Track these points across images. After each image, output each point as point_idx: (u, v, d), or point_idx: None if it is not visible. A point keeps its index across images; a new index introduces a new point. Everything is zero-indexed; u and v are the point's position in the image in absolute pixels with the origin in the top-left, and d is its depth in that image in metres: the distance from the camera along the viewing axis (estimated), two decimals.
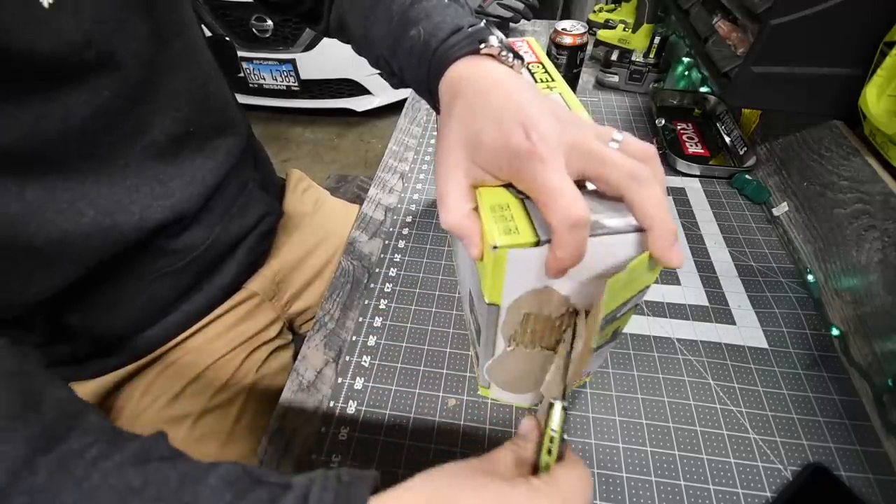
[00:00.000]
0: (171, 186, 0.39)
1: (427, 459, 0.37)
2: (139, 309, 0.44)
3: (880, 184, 0.42)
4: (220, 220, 0.45)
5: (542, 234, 0.24)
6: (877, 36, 0.41)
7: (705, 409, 0.39)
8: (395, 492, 0.24)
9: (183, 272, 0.44)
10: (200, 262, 0.45)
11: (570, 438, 0.38)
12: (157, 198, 0.38)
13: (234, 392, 0.50)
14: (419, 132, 0.72)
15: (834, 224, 0.48)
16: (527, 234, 0.24)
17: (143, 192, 0.37)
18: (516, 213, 0.25)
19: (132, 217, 0.36)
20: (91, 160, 0.34)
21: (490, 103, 0.26)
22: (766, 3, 0.44)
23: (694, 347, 0.43)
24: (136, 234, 0.37)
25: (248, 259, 0.51)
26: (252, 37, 1.85)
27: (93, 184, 0.34)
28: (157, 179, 0.38)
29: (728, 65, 0.50)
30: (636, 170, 0.22)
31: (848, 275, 0.45)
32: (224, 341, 0.51)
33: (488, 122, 0.25)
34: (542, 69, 0.38)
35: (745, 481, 0.35)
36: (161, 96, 0.37)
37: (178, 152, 0.40)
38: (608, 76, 0.78)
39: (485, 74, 0.28)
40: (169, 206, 0.38)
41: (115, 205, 0.35)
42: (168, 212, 0.38)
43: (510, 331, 0.31)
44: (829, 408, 0.39)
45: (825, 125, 0.50)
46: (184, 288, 0.46)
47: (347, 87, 1.96)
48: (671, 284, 0.49)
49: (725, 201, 0.58)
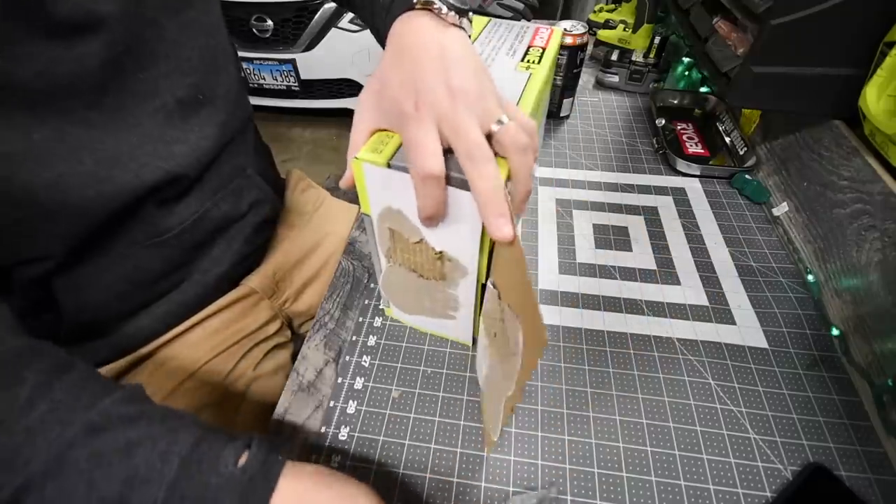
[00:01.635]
0: (173, 149, 0.39)
1: (427, 459, 0.37)
2: (125, 281, 0.43)
3: (880, 184, 0.42)
4: (211, 195, 0.45)
5: (397, 161, 0.29)
6: (877, 36, 0.41)
7: (705, 409, 0.39)
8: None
9: (169, 245, 0.43)
10: (187, 238, 0.44)
11: (570, 438, 0.38)
12: (157, 158, 0.38)
13: (231, 390, 0.50)
14: None
15: (834, 224, 0.48)
16: (383, 157, 0.30)
17: (146, 150, 0.37)
18: (390, 145, 0.31)
19: (129, 173, 0.36)
20: (99, 112, 0.35)
21: (402, 65, 0.30)
22: (766, 3, 0.44)
23: (694, 347, 0.43)
24: (130, 191, 0.37)
25: (244, 250, 0.51)
26: (252, 37, 1.85)
27: (98, 134, 0.35)
28: (163, 141, 0.39)
29: (728, 65, 0.50)
30: (472, 150, 0.27)
31: (848, 275, 0.45)
32: (221, 338, 0.51)
33: (394, 83, 0.29)
34: (538, 53, 0.40)
35: (745, 481, 0.35)
36: (172, 61, 0.38)
37: (186, 118, 0.40)
38: (608, 76, 0.78)
39: (411, 30, 0.31)
40: (167, 168, 0.39)
41: (114, 159, 0.36)
42: (165, 173, 0.39)
43: (384, 246, 0.37)
44: (829, 408, 0.39)
45: (825, 125, 0.50)
46: (171, 264, 0.45)
47: (347, 87, 1.96)
48: (671, 284, 0.49)
49: (725, 201, 0.58)
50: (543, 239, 0.54)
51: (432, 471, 0.36)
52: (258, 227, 0.52)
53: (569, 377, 0.42)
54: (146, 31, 0.36)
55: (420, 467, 0.37)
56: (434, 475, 0.36)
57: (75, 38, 0.32)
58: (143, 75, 0.37)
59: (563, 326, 0.45)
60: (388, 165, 0.30)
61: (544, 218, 0.56)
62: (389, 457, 0.37)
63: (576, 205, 0.58)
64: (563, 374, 0.42)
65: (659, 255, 0.52)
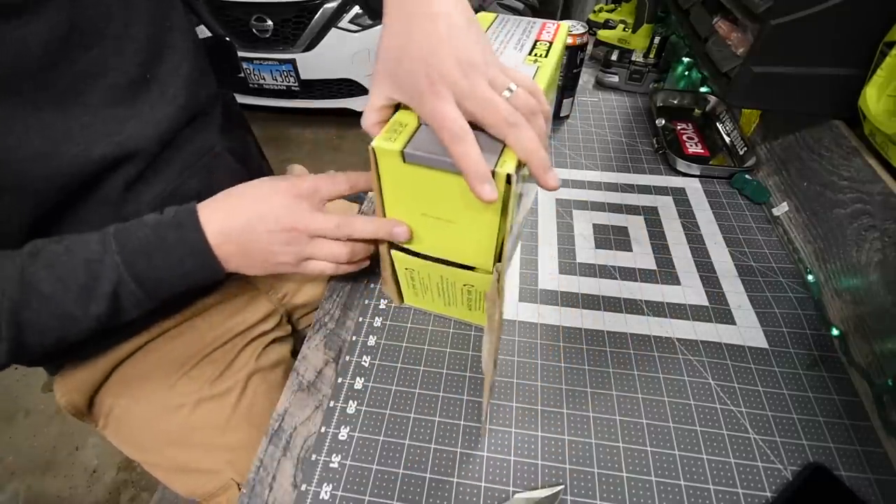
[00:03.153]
0: (125, 126, 0.39)
1: (427, 459, 0.37)
2: None
3: (880, 184, 0.42)
4: (178, 175, 0.44)
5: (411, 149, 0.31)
6: (877, 36, 0.41)
7: (705, 409, 0.39)
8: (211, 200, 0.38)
9: None
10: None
11: (570, 438, 0.38)
12: (107, 134, 0.38)
13: (231, 382, 0.50)
14: None
15: (834, 224, 0.48)
16: (398, 145, 0.31)
17: (96, 128, 0.37)
18: (404, 133, 0.32)
19: (76, 147, 0.36)
20: (46, 93, 0.34)
21: (411, 37, 0.30)
22: (766, 3, 0.44)
23: (694, 347, 0.43)
24: (79, 165, 0.37)
25: None
26: (252, 37, 1.85)
27: (47, 115, 0.34)
28: (115, 119, 0.38)
29: (728, 65, 0.50)
30: (511, 116, 0.29)
31: (848, 275, 0.45)
32: (221, 331, 0.52)
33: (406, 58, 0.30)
34: (545, 47, 0.41)
35: (745, 481, 0.35)
36: (119, 40, 0.38)
37: (137, 96, 0.40)
38: (608, 76, 0.78)
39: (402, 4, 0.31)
40: (116, 142, 0.38)
41: (61, 134, 0.35)
42: (115, 147, 0.38)
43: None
44: (829, 408, 0.39)
45: (825, 125, 0.50)
46: None
47: (347, 87, 1.96)
48: (671, 284, 0.49)
49: (725, 201, 0.58)
50: (543, 239, 0.54)
51: (432, 471, 0.36)
52: None
53: (569, 377, 0.42)
54: (90, 11, 0.35)
55: (420, 467, 0.37)
56: (434, 475, 0.36)
57: (15, 19, 0.31)
58: (90, 55, 0.36)
59: (563, 326, 0.45)
60: (401, 154, 0.31)
61: (544, 218, 0.56)
62: (389, 457, 0.37)
63: (576, 205, 0.58)
64: (563, 374, 0.42)
65: (659, 255, 0.52)
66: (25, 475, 1.13)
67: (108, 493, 1.10)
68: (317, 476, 0.37)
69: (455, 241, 0.36)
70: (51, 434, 1.20)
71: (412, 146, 0.31)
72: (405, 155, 0.31)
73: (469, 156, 0.28)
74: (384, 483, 0.36)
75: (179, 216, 0.36)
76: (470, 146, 0.28)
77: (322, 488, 0.36)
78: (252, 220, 0.37)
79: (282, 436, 0.39)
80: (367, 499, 0.35)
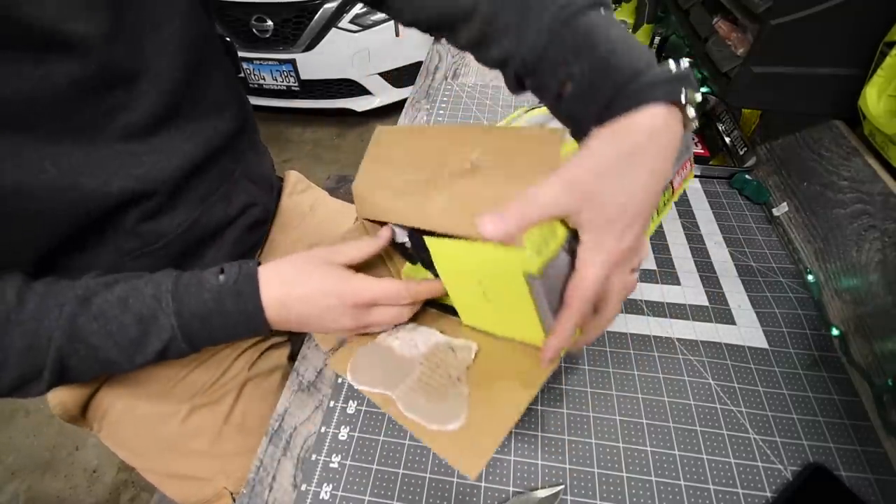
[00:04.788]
0: (143, 160, 0.38)
1: (426, 458, 0.37)
2: None
3: (880, 184, 0.42)
4: (200, 203, 0.44)
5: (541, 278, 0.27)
6: (877, 36, 0.41)
7: (705, 409, 0.39)
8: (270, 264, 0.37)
9: (159, 256, 0.43)
10: (180, 245, 0.44)
11: (570, 438, 0.38)
12: (126, 167, 0.37)
13: (224, 390, 0.50)
14: None
15: (834, 224, 0.48)
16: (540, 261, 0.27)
17: (115, 162, 0.37)
18: (551, 247, 0.28)
19: (95, 180, 0.36)
20: (65, 126, 0.34)
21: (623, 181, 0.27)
22: (766, 3, 0.44)
23: (694, 347, 0.43)
24: (99, 199, 0.36)
25: (236, 251, 0.50)
26: (252, 37, 1.85)
27: (62, 147, 0.34)
28: (131, 153, 0.38)
29: (728, 65, 0.50)
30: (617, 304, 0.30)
31: (848, 275, 0.45)
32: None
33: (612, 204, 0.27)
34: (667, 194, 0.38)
35: (745, 481, 0.35)
36: (147, 78, 0.37)
37: (156, 131, 0.39)
38: None
39: (646, 134, 0.27)
40: (136, 176, 0.38)
41: (79, 167, 0.35)
42: (134, 181, 0.38)
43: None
44: (829, 408, 0.39)
45: (825, 125, 0.50)
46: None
47: (347, 87, 1.96)
48: (671, 284, 0.49)
49: (725, 201, 0.58)
50: None
51: (432, 471, 0.36)
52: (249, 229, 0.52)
53: (569, 377, 0.42)
54: (122, 50, 0.35)
55: (420, 467, 0.37)
56: (434, 475, 0.36)
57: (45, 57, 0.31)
58: (115, 93, 0.36)
59: None
60: (530, 275, 0.27)
61: None
62: (389, 457, 0.37)
63: None
64: (563, 374, 0.42)
65: (659, 255, 0.52)
66: (25, 475, 1.13)
67: (108, 493, 1.10)
68: (317, 476, 0.37)
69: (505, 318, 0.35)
70: (51, 434, 1.20)
71: (547, 272, 0.27)
72: (530, 278, 0.27)
73: (567, 329, 0.29)
74: (384, 483, 0.36)
75: (240, 284, 0.35)
76: (577, 318, 0.28)
77: (322, 488, 0.36)
78: (312, 295, 0.36)
79: (282, 436, 0.39)
80: (367, 499, 0.35)
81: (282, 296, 0.36)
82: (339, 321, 0.37)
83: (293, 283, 0.36)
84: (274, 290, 0.36)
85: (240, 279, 0.35)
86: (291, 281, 0.37)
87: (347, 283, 0.36)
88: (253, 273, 0.36)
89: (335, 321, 0.37)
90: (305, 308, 0.36)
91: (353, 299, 0.36)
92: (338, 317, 0.37)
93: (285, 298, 0.36)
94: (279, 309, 0.36)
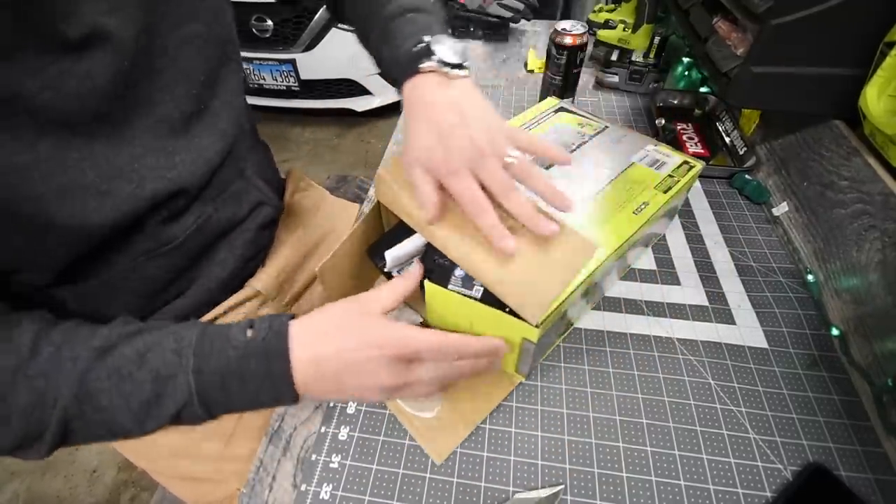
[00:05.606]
0: (176, 160, 0.39)
1: (426, 458, 0.37)
2: (130, 293, 0.43)
3: (880, 184, 0.42)
4: (213, 201, 0.44)
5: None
6: (877, 36, 0.41)
7: (705, 408, 0.39)
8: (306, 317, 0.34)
9: (173, 255, 0.43)
10: (191, 247, 0.44)
11: (570, 438, 0.38)
12: (159, 168, 0.38)
13: None
14: None
15: (834, 224, 0.48)
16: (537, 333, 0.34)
17: (147, 162, 0.37)
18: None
19: (130, 185, 0.36)
20: (103, 123, 0.34)
21: (431, 133, 0.35)
22: (766, 3, 0.44)
23: (694, 347, 0.43)
24: (131, 204, 0.36)
25: (248, 252, 0.51)
26: (252, 37, 1.85)
27: (99, 146, 0.34)
28: (165, 151, 0.38)
29: (728, 65, 0.50)
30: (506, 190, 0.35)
31: (848, 275, 0.45)
32: None
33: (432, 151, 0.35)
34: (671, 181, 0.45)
35: (745, 481, 0.35)
36: (175, 72, 0.38)
37: (188, 128, 0.40)
38: (608, 76, 0.78)
39: (426, 97, 0.37)
40: (170, 178, 0.38)
41: (115, 171, 0.35)
42: (168, 183, 0.38)
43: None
44: (829, 408, 0.39)
45: (825, 125, 0.50)
46: (177, 271, 0.45)
47: (347, 87, 1.96)
48: (671, 284, 0.49)
49: (725, 201, 0.58)
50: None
51: (432, 471, 0.36)
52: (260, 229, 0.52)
53: (569, 377, 0.42)
54: (151, 44, 0.36)
55: (420, 467, 0.37)
56: (434, 475, 0.36)
57: (84, 53, 0.31)
58: (146, 88, 0.36)
59: None
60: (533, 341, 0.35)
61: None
62: (389, 457, 0.37)
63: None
64: (563, 374, 0.42)
65: (659, 255, 0.52)
66: (25, 475, 1.13)
67: (109, 493, 1.10)
68: (317, 476, 0.37)
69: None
70: None
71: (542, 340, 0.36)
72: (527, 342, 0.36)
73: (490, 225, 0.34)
74: (384, 483, 0.36)
75: (269, 342, 0.32)
76: (489, 216, 0.34)
77: (322, 488, 0.36)
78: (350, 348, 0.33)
79: (282, 436, 0.39)
80: (367, 499, 0.35)
81: (315, 354, 0.33)
82: (379, 376, 0.33)
83: (329, 336, 0.33)
84: (306, 350, 0.33)
85: (269, 336, 0.32)
86: (326, 334, 0.34)
87: (389, 331, 0.33)
88: (284, 329, 0.32)
89: (374, 376, 0.33)
90: (342, 364, 0.33)
91: (396, 350, 0.33)
92: (377, 370, 0.33)
93: (319, 356, 0.33)
94: (312, 369, 0.32)
